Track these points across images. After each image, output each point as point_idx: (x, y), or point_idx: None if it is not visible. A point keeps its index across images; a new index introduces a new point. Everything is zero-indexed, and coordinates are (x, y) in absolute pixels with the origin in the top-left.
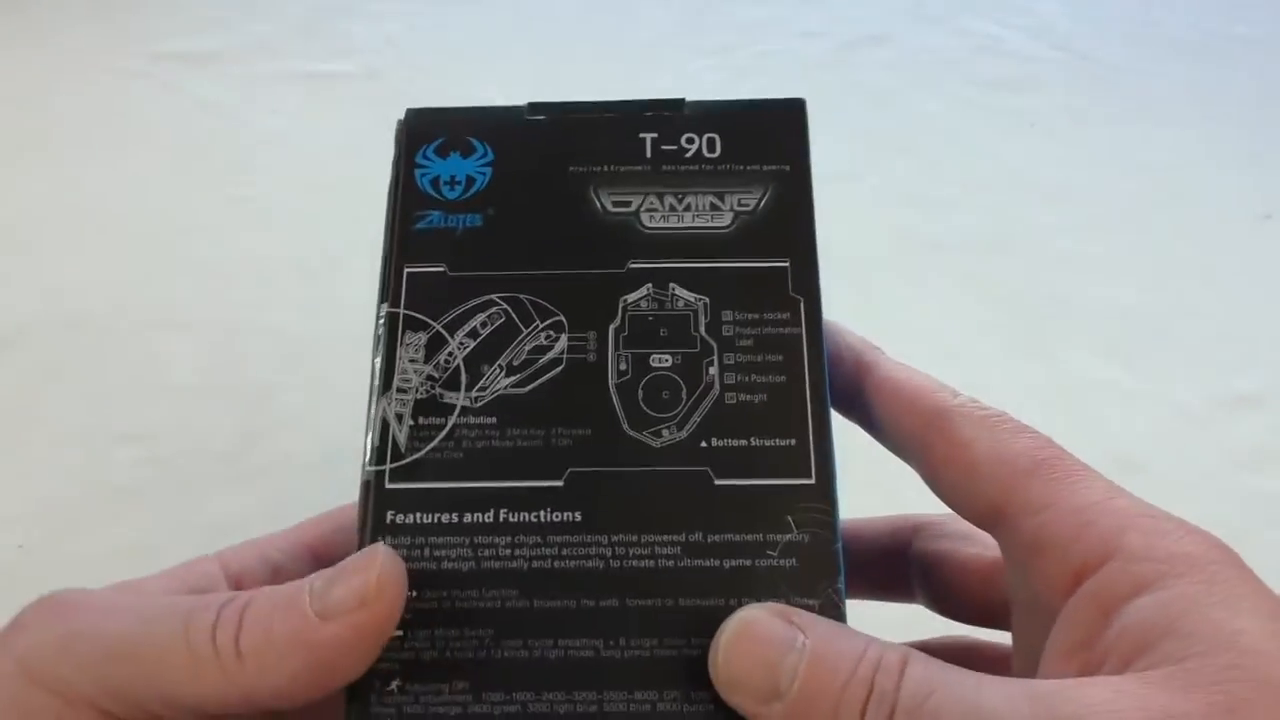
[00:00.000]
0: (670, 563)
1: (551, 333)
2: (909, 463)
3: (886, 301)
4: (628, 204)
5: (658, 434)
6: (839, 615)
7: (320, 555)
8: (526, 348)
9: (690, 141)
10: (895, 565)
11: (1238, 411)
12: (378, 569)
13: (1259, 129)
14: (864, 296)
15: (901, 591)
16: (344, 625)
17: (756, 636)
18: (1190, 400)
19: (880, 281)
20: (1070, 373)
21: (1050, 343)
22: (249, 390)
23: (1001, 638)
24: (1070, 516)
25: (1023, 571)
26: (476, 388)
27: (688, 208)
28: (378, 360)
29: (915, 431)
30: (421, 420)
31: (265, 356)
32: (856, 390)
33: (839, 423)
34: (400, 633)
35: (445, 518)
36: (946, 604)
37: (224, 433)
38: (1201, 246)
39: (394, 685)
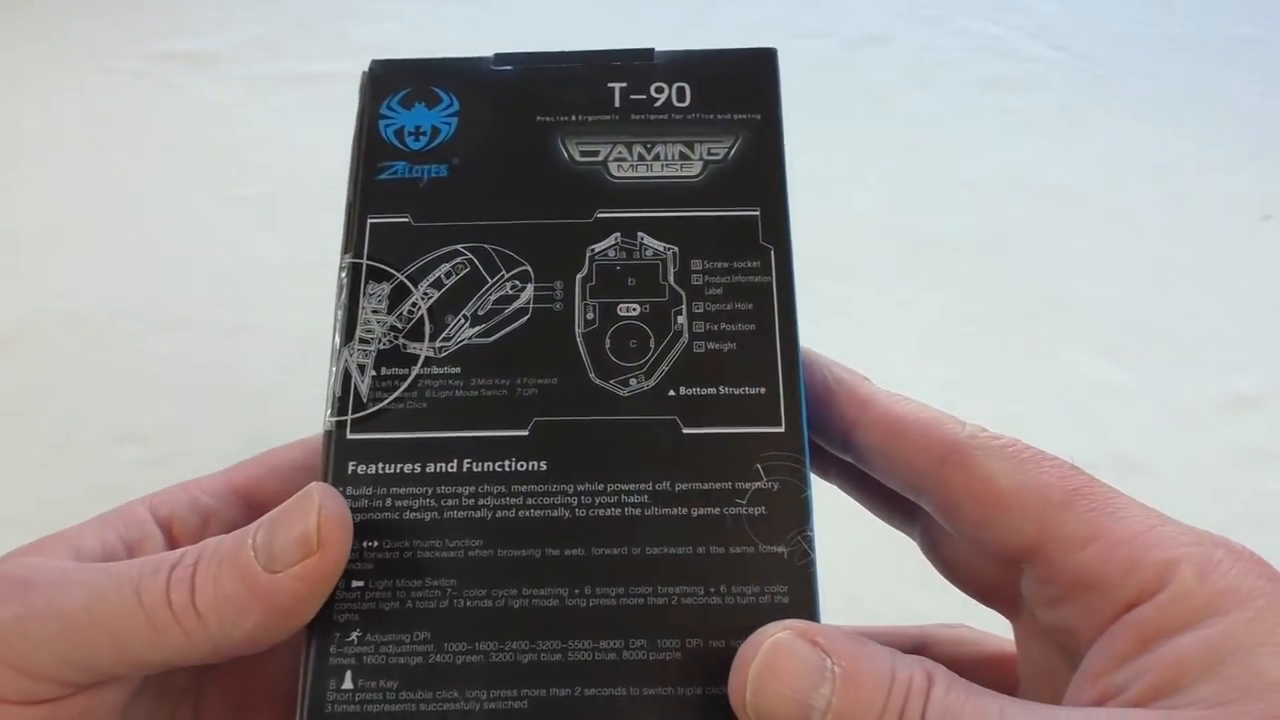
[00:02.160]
0: (637, 511)
1: (517, 283)
2: (919, 499)
3: (887, 301)
4: (596, 153)
5: (625, 383)
6: (809, 561)
7: (249, 498)
8: (492, 298)
9: (660, 91)
10: None
11: (1238, 411)
12: (315, 513)
13: (1259, 129)
14: (864, 296)
15: None
16: (293, 578)
17: (786, 668)
18: (1190, 400)
19: (880, 281)
20: (1070, 373)
21: (1050, 343)
22: (249, 390)
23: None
24: (1118, 550)
25: (1058, 605)
26: (441, 338)
27: (656, 157)
28: (339, 311)
29: (928, 469)
30: (384, 371)
31: (265, 356)
32: (851, 427)
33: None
34: (361, 583)
35: (408, 468)
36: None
37: (224, 433)
38: (1201, 246)
39: (354, 636)
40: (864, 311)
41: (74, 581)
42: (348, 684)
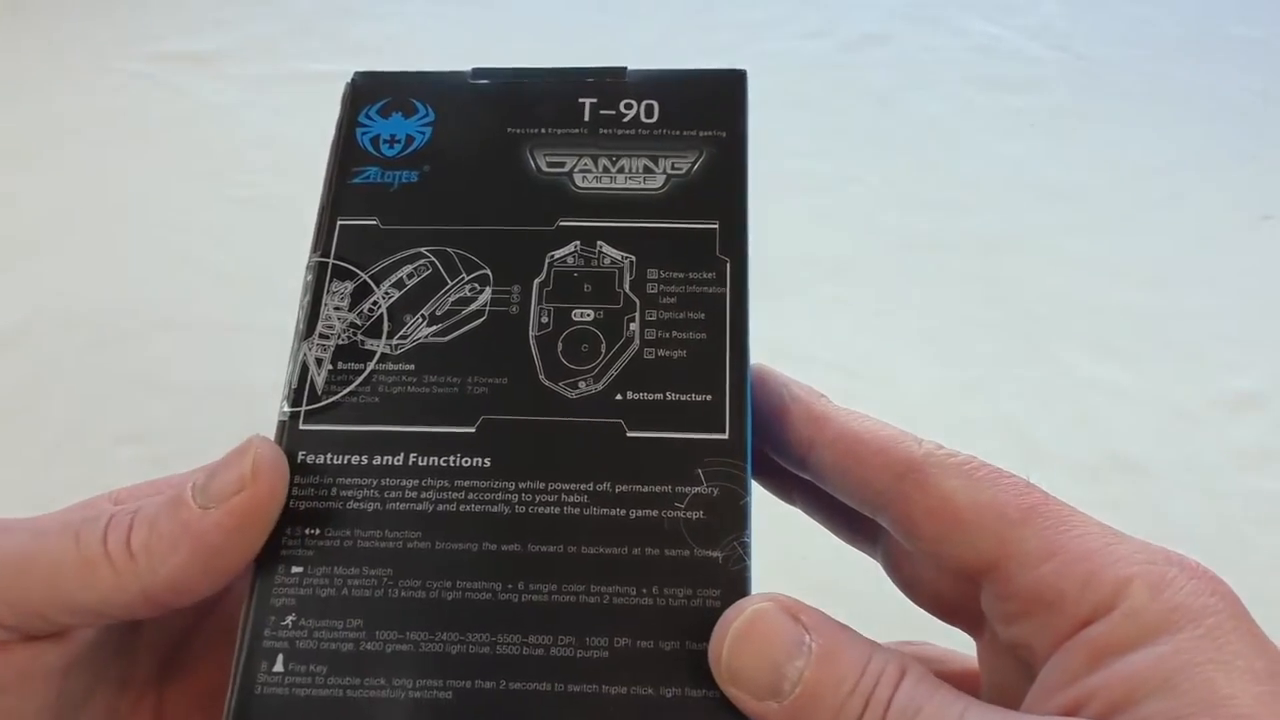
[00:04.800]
0: (576, 510)
1: (476, 285)
2: (878, 517)
3: (887, 301)
4: (562, 164)
5: (574, 385)
6: (744, 566)
7: None
8: (450, 299)
9: (628, 107)
10: None
11: (1238, 411)
12: (252, 455)
13: (1259, 129)
14: (863, 297)
15: None
16: (225, 511)
17: (764, 634)
18: (1190, 400)
19: (881, 281)
20: (1070, 373)
21: (1050, 343)
22: (249, 390)
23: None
24: (1074, 568)
25: (1016, 621)
26: (398, 335)
27: (621, 169)
28: (303, 306)
29: (886, 487)
30: (340, 365)
31: (265, 356)
32: (809, 446)
33: None
34: (300, 569)
35: (355, 459)
36: None
37: (224, 433)
38: (1201, 246)
39: (289, 620)
40: (863, 312)
41: (15, 529)
42: (279, 666)
